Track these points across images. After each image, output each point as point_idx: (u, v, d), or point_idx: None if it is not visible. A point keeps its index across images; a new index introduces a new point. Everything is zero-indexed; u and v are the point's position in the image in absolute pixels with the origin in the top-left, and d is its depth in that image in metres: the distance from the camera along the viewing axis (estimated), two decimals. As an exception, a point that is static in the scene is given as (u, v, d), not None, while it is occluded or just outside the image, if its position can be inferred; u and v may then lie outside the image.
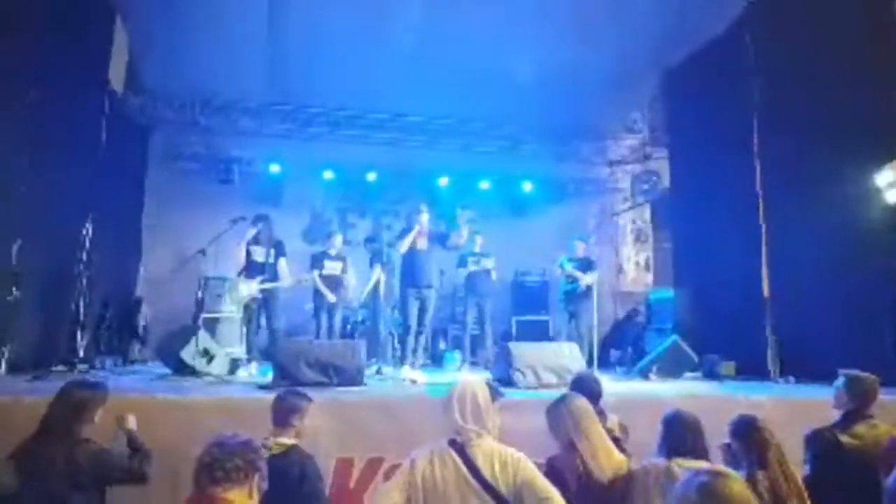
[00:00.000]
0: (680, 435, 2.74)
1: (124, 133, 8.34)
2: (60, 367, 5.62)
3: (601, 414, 3.48)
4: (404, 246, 6.40)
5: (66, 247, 6.20)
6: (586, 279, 7.67)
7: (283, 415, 3.21)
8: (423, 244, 6.45)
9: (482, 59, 8.31)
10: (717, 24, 7.76)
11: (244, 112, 9.89)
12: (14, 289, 5.25)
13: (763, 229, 7.17)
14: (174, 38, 8.01)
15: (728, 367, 7.18)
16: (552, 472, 2.84)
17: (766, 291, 7.12)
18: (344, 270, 7.57)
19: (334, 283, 7.43)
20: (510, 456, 2.45)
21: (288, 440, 3.15)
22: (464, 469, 2.40)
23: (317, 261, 7.47)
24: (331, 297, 7.31)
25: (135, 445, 3.17)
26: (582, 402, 2.99)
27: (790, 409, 4.81)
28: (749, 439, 2.84)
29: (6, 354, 5.27)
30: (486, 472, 2.39)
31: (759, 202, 7.26)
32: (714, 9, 7.60)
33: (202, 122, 9.80)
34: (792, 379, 6.48)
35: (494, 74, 8.59)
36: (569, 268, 7.84)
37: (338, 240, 7.77)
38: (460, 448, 2.45)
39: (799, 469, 3.03)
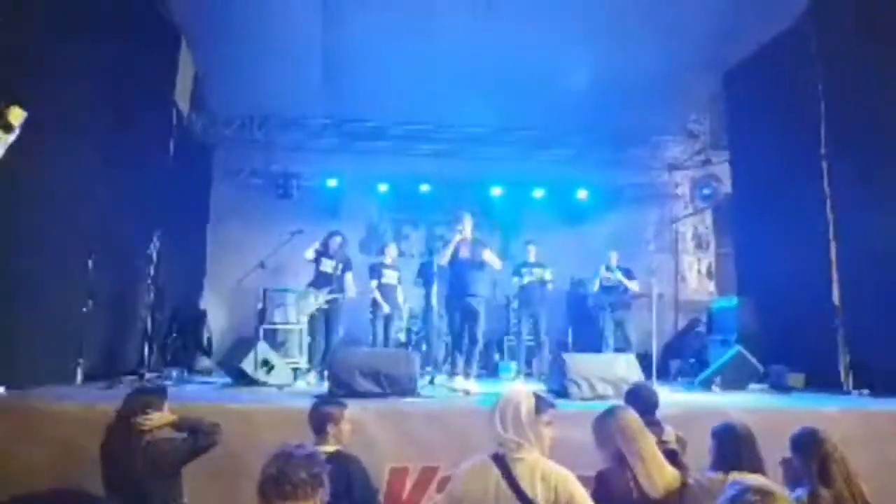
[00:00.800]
0: (732, 448, 2.63)
1: (189, 151, 8.74)
2: (130, 377, 5.88)
3: (657, 425, 3.39)
4: (444, 258, 6.25)
5: (136, 261, 6.50)
6: (633, 285, 7.81)
7: (318, 423, 3.26)
8: (465, 253, 6.22)
9: (533, 66, 8.30)
10: (779, 21, 7.49)
11: (301, 128, 10.17)
12: (89, 301, 5.55)
13: (832, 234, 6.84)
14: (234, 59, 8.35)
15: (797, 378, 6.87)
16: (601, 486, 2.77)
17: (836, 299, 6.77)
18: (399, 280, 7.70)
19: (391, 291, 7.57)
20: (553, 471, 2.38)
21: (328, 447, 3.18)
22: (503, 482, 2.34)
23: (374, 270, 7.65)
24: (385, 307, 7.48)
25: (187, 426, 3.30)
26: (632, 415, 2.91)
27: (863, 422, 4.55)
28: (810, 453, 2.69)
29: (81, 364, 5.56)
30: (525, 487, 2.32)
31: (826, 206, 6.93)
32: (775, 5, 7.35)
33: (261, 139, 10.14)
34: (866, 391, 6.13)
35: (546, 82, 8.57)
36: (608, 274, 8.06)
37: (392, 249, 7.98)
38: (502, 460, 2.40)
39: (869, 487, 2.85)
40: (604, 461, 2.86)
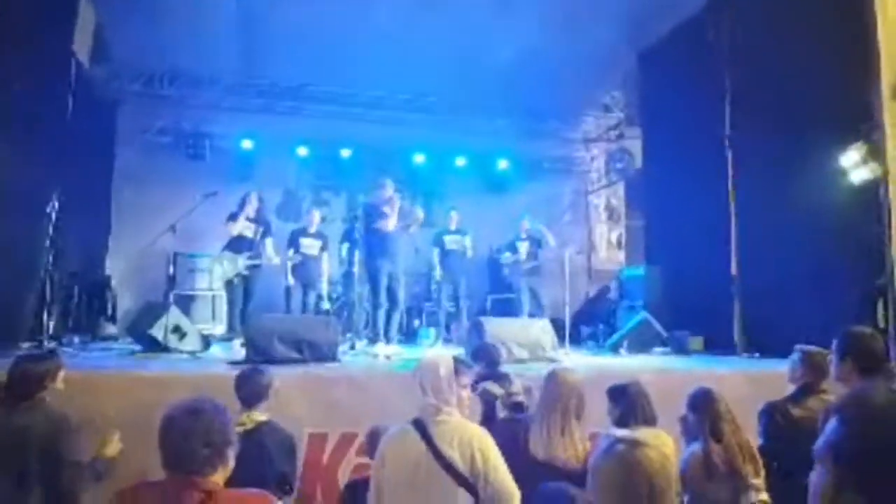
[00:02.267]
0: (626, 404, 2.80)
1: (91, 106, 8.14)
2: (27, 343, 5.54)
3: (504, 378, 3.66)
4: (390, 223, 6.23)
5: (33, 222, 6.06)
6: (549, 237, 8.05)
7: (253, 392, 3.19)
8: (392, 222, 6.28)
9: (460, 37, 8.24)
10: (692, 4, 7.79)
11: (215, 86, 9.70)
12: (-21, 265, 5.16)
13: (732, 208, 7.32)
14: (142, 8, 7.79)
15: (696, 342, 7.37)
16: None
17: (734, 269, 7.28)
18: (323, 248, 7.55)
19: (312, 262, 7.38)
20: (471, 432, 2.40)
21: (260, 415, 3.15)
22: (423, 446, 2.33)
23: (294, 238, 7.44)
24: (291, 279, 7.27)
25: (95, 470, 3.00)
26: (570, 377, 3.06)
27: (750, 382, 4.96)
28: (704, 411, 2.92)
29: (-28, 330, 5.19)
30: (445, 449, 2.32)
31: (728, 182, 7.39)
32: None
33: (172, 96, 9.61)
34: (757, 354, 6.66)
35: (471, 53, 8.54)
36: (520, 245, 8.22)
37: (315, 215, 7.74)
38: (422, 424, 2.40)
39: (755, 440, 3.13)
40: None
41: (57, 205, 5.66)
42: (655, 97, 9.21)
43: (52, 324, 6.20)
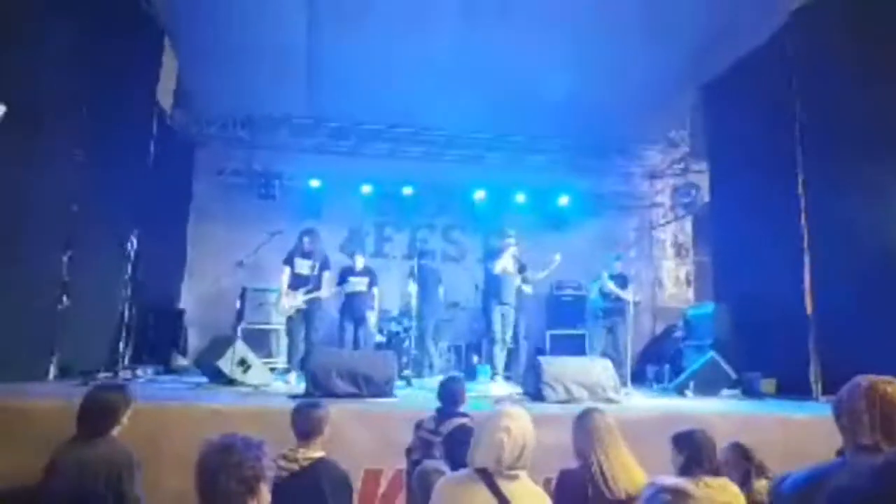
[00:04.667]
0: (690, 452, 2.68)
1: (171, 149, 8.68)
2: (105, 374, 5.84)
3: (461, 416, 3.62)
4: (499, 267, 7.00)
5: (114, 259, 6.46)
6: (628, 295, 7.80)
7: (308, 427, 3.18)
8: (510, 266, 7.12)
9: (519, 74, 8.37)
10: (758, 35, 7.62)
11: (284, 128, 10.15)
12: (64, 297, 5.51)
13: (806, 244, 6.98)
14: (218, 57, 8.32)
15: (769, 384, 7.00)
16: (561, 484, 2.83)
17: (808, 308, 6.90)
18: (371, 284, 7.71)
19: (360, 297, 7.56)
20: (538, 495, 2.31)
21: (315, 452, 3.14)
22: (494, 502, 2.21)
23: (343, 276, 7.67)
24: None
25: None
26: (604, 418, 2.97)
27: (829, 428, 4.64)
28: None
29: (55, 361, 5.51)
30: None
31: (801, 216, 7.06)
32: (755, 19, 7.47)
33: (245, 139, 10.11)
34: (834, 399, 6.25)
35: (532, 89, 8.63)
36: (611, 284, 8.05)
37: (359, 258, 7.96)
38: (490, 478, 2.26)
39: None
40: (576, 462, 2.92)
41: (136, 242, 6.00)
42: (721, 130, 8.99)
43: (127, 355, 6.54)
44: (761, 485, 3.02)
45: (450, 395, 3.84)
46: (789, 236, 7.12)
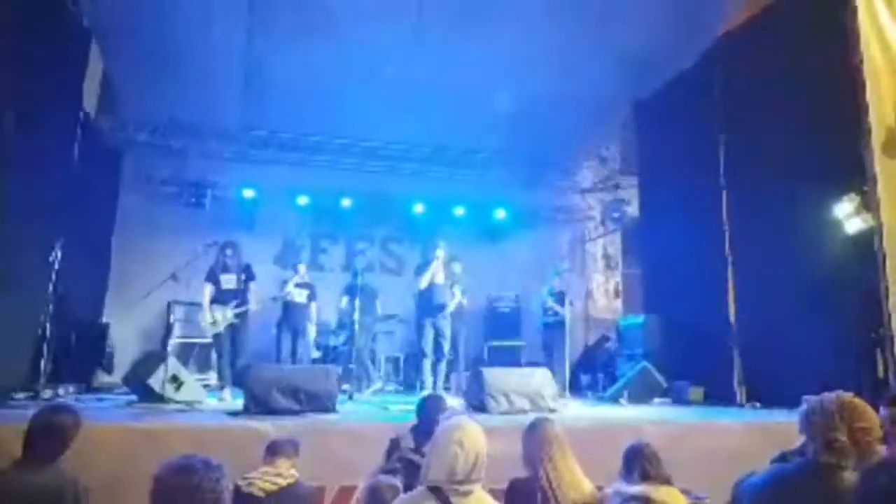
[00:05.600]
0: (641, 463, 2.79)
1: (97, 155, 8.28)
2: (23, 393, 5.48)
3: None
4: (424, 281, 6.98)
5: (35, 270, 6.08)
6: (566, 311, 8.03)
7: (283, 446, 3.27)
8: (440, 278, 7.09)
9: (457, 88, 8.47)
10: (687, 57, 8.04)
11: (217, 136, 9.88)
12: (-23, 313, 5.15)
13: (729, 257, 7.38)
14: (148, 61, 8.02)
15: (696, 392, 7.31)
16: (511, 493, 2.87)
17: (732, 318, 7.29)
18: (311, 297, 7.57)
19: (299, 309, 7.44)
20: None
21: (294, 472, 3.21)
22: None
23: (284, 287, 7.52)
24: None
25: None
26: (553, 427, 3.03)
27: (753, 433, 4.92)
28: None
29: (-33, 380, 5.14)
30: None
31: (725, 230, 7.48)
32: (684, 42, 7.88)
33: (174, 146, 9.76)
34: (758, 404, 6.62)
35: (469, 104, 8.77)
36: (550, 301, 8.42)
37: (302, 267, 7.91)
38: (444, 496, 2.24)
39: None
40: (525, 472, 2.96)
41: (59, 254, 5.67)
42: (651, 147, 9.39)
43: (47, 374, 6.14)
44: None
45: (429, 412, 3.73)
46: (714, 250, 7.52)
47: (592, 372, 9.24)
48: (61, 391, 6.20)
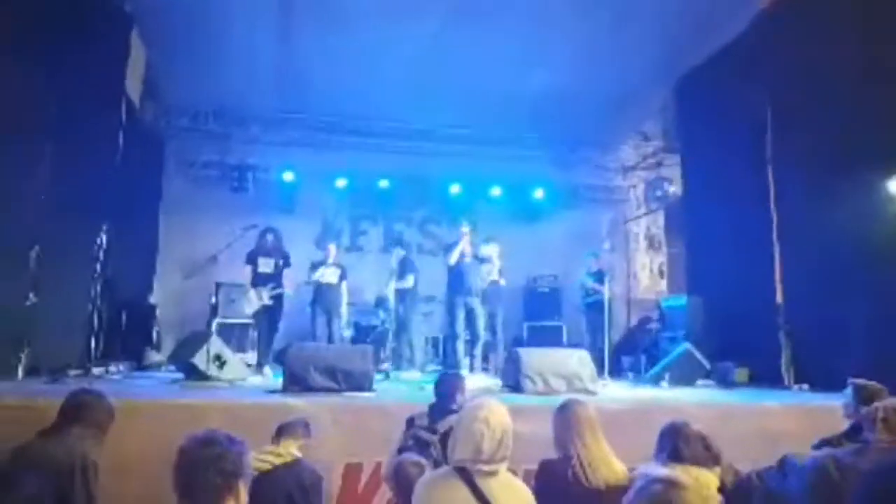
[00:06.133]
0: (674, 443, 2.71)
1: (141, 142, 8.48)
2: (76, 371, 5.70)
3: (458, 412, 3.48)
4: (453, 258, 7.04)
5: (84, 254, 6.30)
6: (606, 291, 7.99)
7: (291, 427, 3.25)
8: (468, 256, 7.15)
9: (494, 68, 8.35)
10: (730, 30, 7.71)
11: (258, 121, 10.01)
12: (32, 294, 5.36)
13: (776, 235, 7.12)
14: (189, 48, 8.13)
15: (741, 374, 7.13)
16: (542, 474, 2.84)
17: (779, 297, 7.05)
18: (342, 278, 7.71)
19: (329, 290, 7.56)
20: (520, 489, 2.31)
21: (296, 452, 3.17)
22: (473, 500, 2.18)
23: (314, 269, 7.67)
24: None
25: None
26: (585, 408, 2.99)
27: (800, 416, 4.76)
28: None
29: (23, 359, 5.37)
30: None
31: (771, 207, 7.21)
32: (727, 15, 7.56)
33: (216, 131, 9.94)
34: (806, 386, 6.40)
35: (506, 83, 8.64)
36: (589, 282, 8.45)
37: (332, 248, 8.02)
38: (468, 476, 2.22)
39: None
40: (556, 453, 2.93)
41: (106, 236, 5.86)
42: (694, 124, 9.10)
43: (99, 352, 6.39)
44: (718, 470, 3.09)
45: (446, 390, 3.74)
46: (760, 228, 7.26)
47: (634, 353, 9.09)
48: (112, 368, 6.44)
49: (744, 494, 2.69)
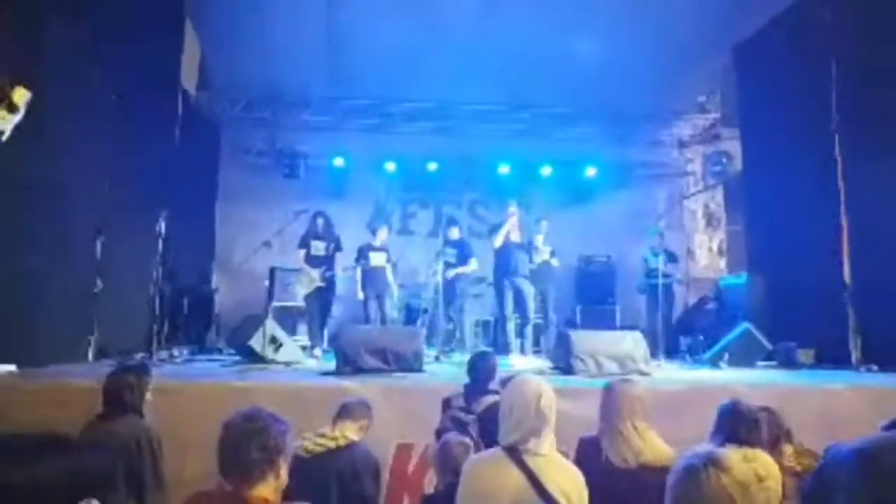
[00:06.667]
0: (732, 424, 2.62)
1: (197, 131, 8.74)
2: (141, 354, 5.96)
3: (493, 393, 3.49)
4: (499, 240, 6.86)
5: (145, 241, 6.55)
6: (673, 270, 7.99)
7: (351, 411, 3.26)
8: (515, 236, 6.96)
9: (541, 43, 8.20)
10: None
11: (307, 107, 10.14)
12: (98, 281, 5.62)
13: (843, 210, 6.76)
14: (240, 37, 8.31)
15: (807, 354, 6.85)
16: (579, 452, 2.81)
17: (846, 276, 6.71)
18: (389, 260, 7.75)
19: (378, 273, 7.61)
20: (574, 474, 2.28)
21: (352, 435, 3.16)
22: (523, 481, 2.16)
23: (362, 252, 7.69)
24: (360, 294, 7.55)
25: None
26: (630, 388, 2.92)
27: (869, 398, 4.54)
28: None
29: (92, 343, 5.64)
30: (548, 485, 2.15)
31: (838, 183, 6.83)
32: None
33: (268, 118, 10.13)
34: (875, 367, 6.10)
35: (554, 58, 8.46)
36: (655, 262, 8.09)
37: (382, 231, 7.99)
38: (518, 455, 2.22)
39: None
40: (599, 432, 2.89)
41: (164, 224, 6.06)
42: (753, 94, 8.69)
43: (163, 336, 6.66)
44: (789, 450, 2.97)
45: (481, 371, 3.73)
46: (825, 203, 6.91)
47: (693, 334, 8.85)
48: (175, 352, 6.70)
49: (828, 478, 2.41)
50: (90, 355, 5.62)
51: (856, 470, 1.75)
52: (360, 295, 7.58)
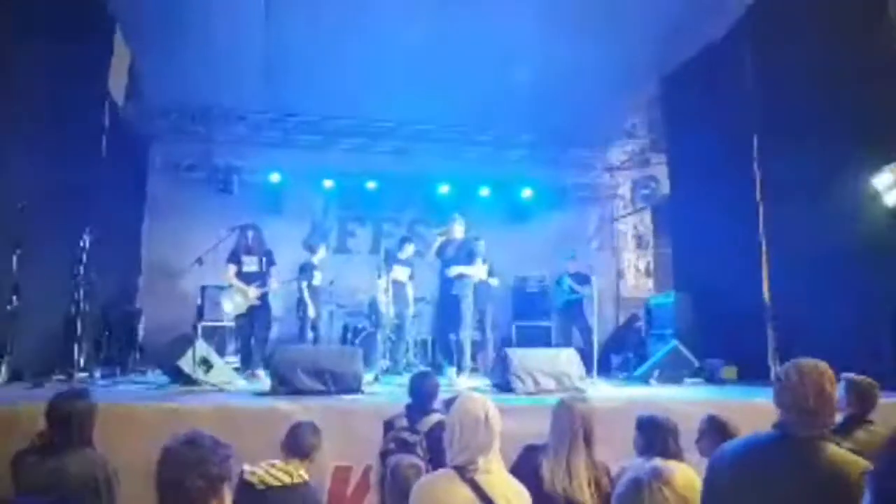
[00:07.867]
0: (652, 436, 2.72)
1: (124, 144, 8.38)
2: (59, 376, 5.62)
3: (435, 411, 3.54)
4: (439, 241, 6.76)
5: (66, 257, 6.21)
6: (587, 291, 8.15)
7: (302, 444, 3.10)
8: (452, 252, 6.74)
9: (480, 66, 8.35)
10: (716, 28, 7.77)
11: (243, 121, 9.94)
12: (14, 298, 5.26)
13: (762, 233, 7.16)
14: (172, 48, 8.06)
15: (730, 371, 7.16)
16: (522, 458, 2.85)
17: (766, 295, 7.09)
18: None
19: (321, 292, 7.52)
20: (521, 492, 2.32)
21: (305, 474, 3.04)
22: (476, 501, 2.19)
23: (305, 271, 7.56)
24: (311, 310, 7.41)
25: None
26: (580, 407, 2.98)
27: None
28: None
29: (5, 363, 5.27)
30: None
31: (758, 206, 7.25)
32: (713, 13, 7.61)
33: (201, 132, 9.85)
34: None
35: (493, 82, 8.63)
36: (570, 281, 8.64)
37: (322, 249, 7.94)
38: (468, 475, 2.24)
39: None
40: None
41: (87, 241, 5.77)
42: (680, 121, 9.15)
43: (83, 357, 6.28)
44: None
45: (423, 391, 3.73)
46: (747, 226, 7.30)
47: (623, 352, 9.12)
48: (97, 373, 6.35)
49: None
50: (3, 377, 5.25)
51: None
52: (312, 312, 7.41)
